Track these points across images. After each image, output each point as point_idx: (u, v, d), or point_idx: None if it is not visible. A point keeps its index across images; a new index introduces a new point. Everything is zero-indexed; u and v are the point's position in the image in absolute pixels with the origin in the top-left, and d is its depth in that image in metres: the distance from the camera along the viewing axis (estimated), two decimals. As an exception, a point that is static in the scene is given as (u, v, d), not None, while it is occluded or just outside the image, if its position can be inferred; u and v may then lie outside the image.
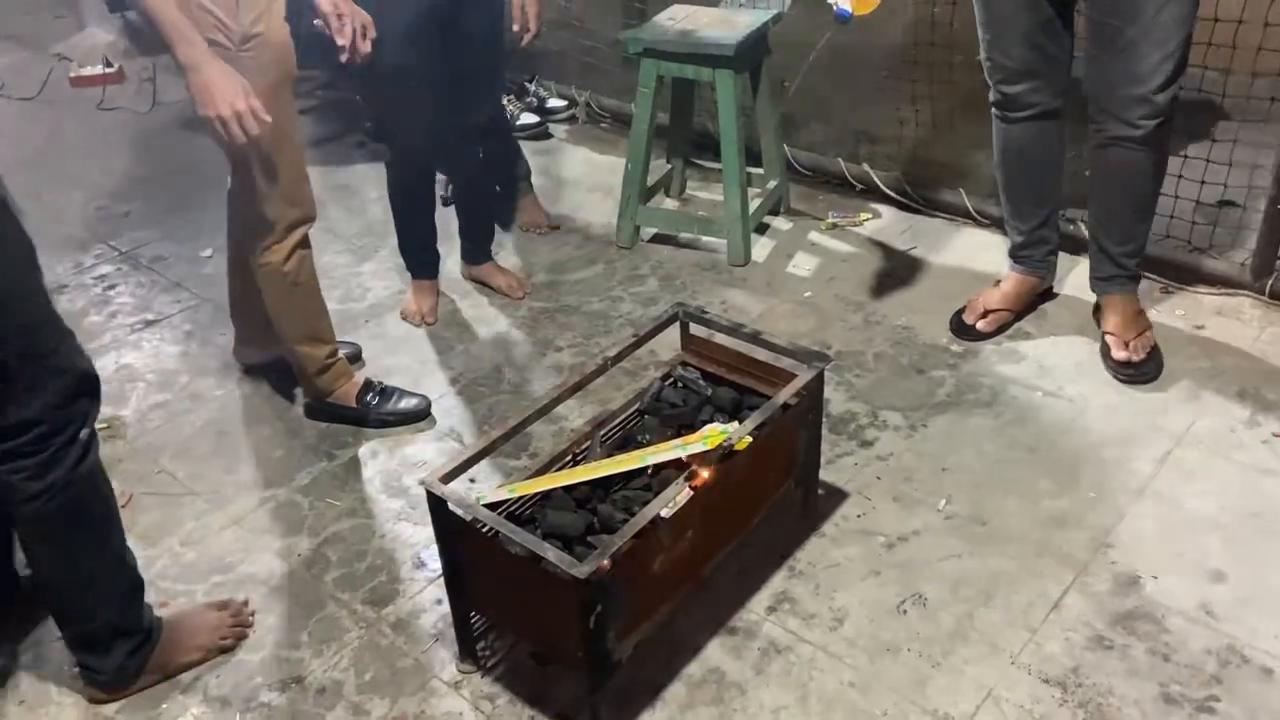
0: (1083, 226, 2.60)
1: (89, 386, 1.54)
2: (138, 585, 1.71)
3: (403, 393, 2.34)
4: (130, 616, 1.69)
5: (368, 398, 2.30)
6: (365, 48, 2.24)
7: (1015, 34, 2.21)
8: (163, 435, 2.34)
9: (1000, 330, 2.50)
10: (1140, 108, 2.11)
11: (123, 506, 2.11)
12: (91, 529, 1.60)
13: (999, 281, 2.56)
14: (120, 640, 1.68)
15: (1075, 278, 2.62)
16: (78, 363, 1.52)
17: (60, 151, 3.74)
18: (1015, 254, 2.53)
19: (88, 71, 4.27)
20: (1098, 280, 2.42)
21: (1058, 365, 2.37)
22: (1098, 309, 2.44)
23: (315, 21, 2.16)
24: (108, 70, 4.26)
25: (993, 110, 2.37)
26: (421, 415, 2.32)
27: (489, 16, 2.45)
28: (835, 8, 1.96)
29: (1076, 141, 2.41)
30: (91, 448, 1.55)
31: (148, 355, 2.61)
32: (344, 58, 2.27)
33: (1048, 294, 2.60)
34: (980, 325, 2.50)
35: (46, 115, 4.06)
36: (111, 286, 2.91)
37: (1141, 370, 2.31)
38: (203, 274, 2.91)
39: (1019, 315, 2.53)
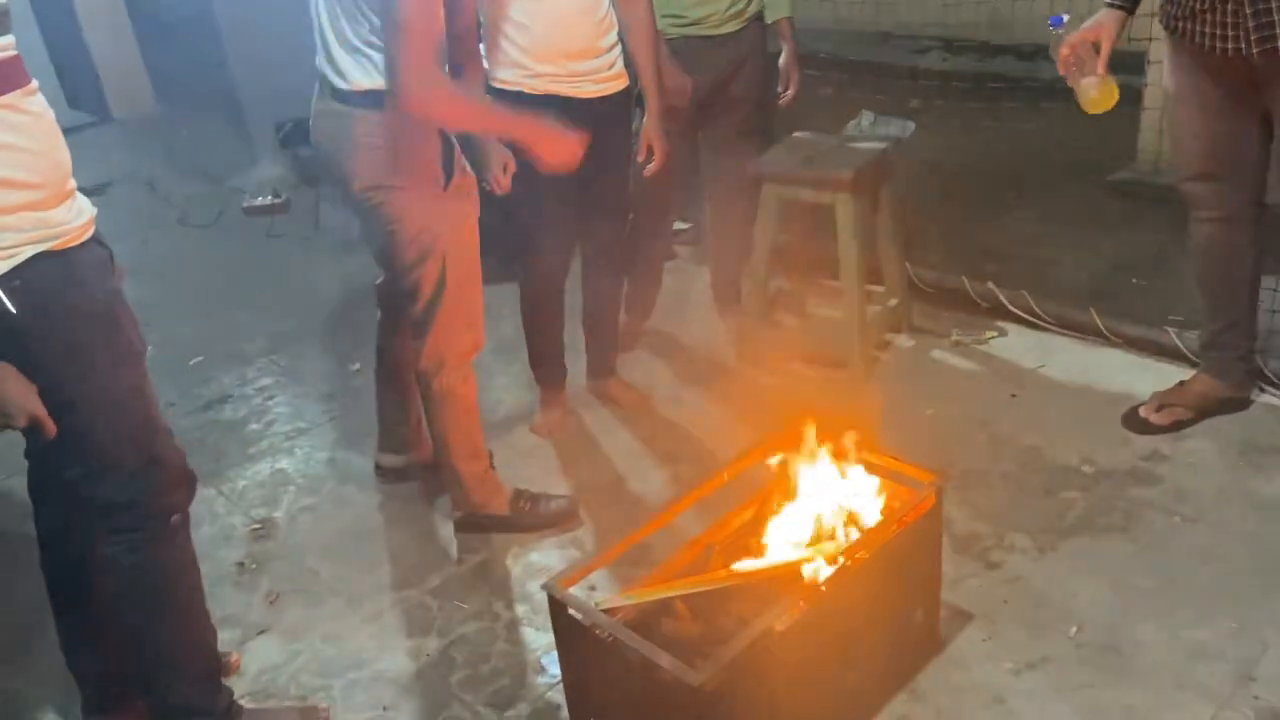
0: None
1: (185, 479, 1.72)
2: (214, 669, 1.83)
3: (549, 497, 2.44)
4: (203, 698, 1.80)
5: (520, 504, 2.40)
6: (506, 182, 2.45)
7: (1198, 139, 2.20)
8: (309, 537, 2.50)
9: (1176, 427, 2.42)
10: None
11: (271, 603, 2.27)
12: (172, 606, 1.74)
13: (1184, 381, 2.50)
14: (196, 718, 1.80)
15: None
16: (173, 456, 1.69)
17: (231, 274, 4.11)
18: (1200, 352, 2.48)
19: (259, 202, 4.71)
20: None
21: (1197, 490, 2.28)
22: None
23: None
24: (276, 200, 4.68)
25: None
26: (569, 516, 2.41)
27: (620, 150, 2.61)
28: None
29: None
30: (180, 533, 1.71)
31: (299, 461, 2.80)
32: (487, 187, 2.49)
33: (1238, 404, 2.47)
34: (1154, 418, 2.44)
35: (221, 241, 4.48)
36: (271, 397, 3.15)
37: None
38: (351, 386, 3.12)
39: (1199, 417, 2.42)
